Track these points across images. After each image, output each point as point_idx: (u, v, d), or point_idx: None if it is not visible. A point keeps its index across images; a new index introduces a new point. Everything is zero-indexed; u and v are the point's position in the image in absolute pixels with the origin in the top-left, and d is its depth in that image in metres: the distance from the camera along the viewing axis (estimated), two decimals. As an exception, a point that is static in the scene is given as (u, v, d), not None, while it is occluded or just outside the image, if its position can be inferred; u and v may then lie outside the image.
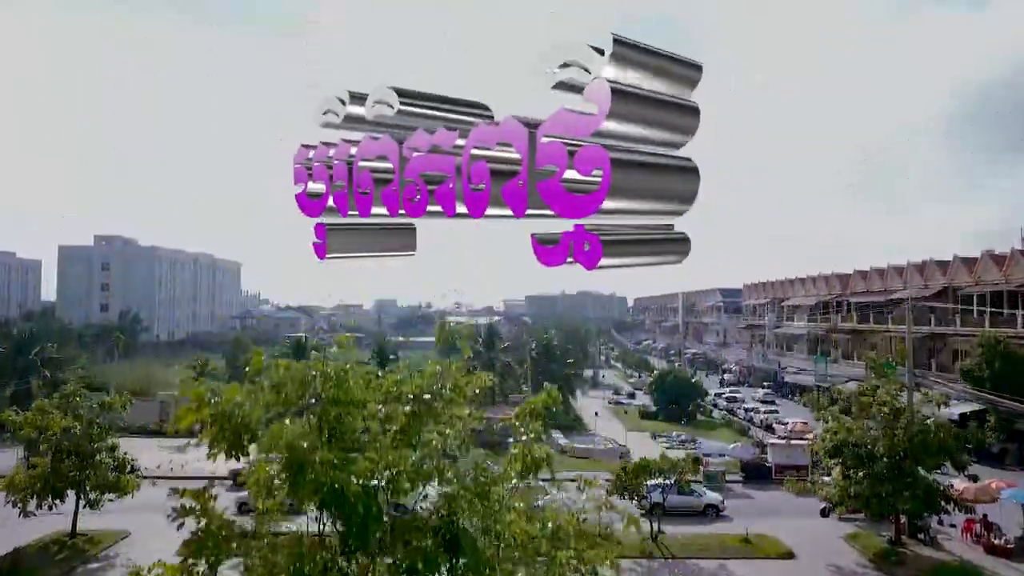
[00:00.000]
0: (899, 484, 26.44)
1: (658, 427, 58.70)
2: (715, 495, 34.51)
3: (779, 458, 40.70)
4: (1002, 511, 30.74)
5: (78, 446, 26.93)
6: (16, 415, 28.06)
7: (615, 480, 28.65)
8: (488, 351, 54.52)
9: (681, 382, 61.15)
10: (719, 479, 39.59)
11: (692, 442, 51.51)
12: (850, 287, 76.36)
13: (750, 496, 37.96)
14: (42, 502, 26.55)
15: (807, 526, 31.86)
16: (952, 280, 59.09)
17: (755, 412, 62.20)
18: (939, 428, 27.75)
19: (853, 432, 27.82)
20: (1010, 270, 52.28)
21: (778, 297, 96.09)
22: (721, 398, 72.78)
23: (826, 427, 29.79)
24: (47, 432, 27.27)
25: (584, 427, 57.99)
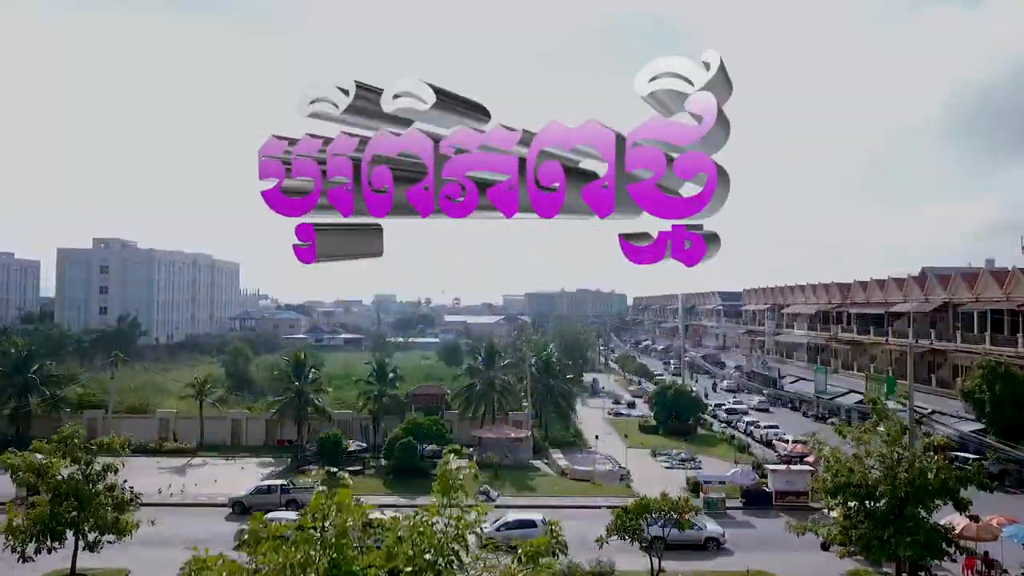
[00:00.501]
0: (900, 527, 26.35)
1: (659, 442, 58.62)
2: (716, 528, 34.45)
3: (779, 484, 40.67)
4: (1003, 548, 30.73)
5: (77, 489, 26.79)
6: (14, 456, 27.88)
7: (615, 520, 28.56)
8: (488, 369, 54.32)
9: (681, 396, 61.07)
10: (719, 505, 39.61)
11: (692, 460, 51.54)
12: (850, 297, 76.26)
13: (751, 525, 37.91)
14: (41, 546, 26.44)
15: (808, 562, 31.79)
16: (952, 296, 58.99)
17: (755, 426, 62.17)
18: (941, 469, 27.62)
19: (855, 472, 27.70)
20: (1011, 288, 52.17)
21: (778, 303, 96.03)
22: (721, 409, 72.79)
23: (827, 465, 29.61)
24: (46, 476, 27.13)
25: (584, 442, 57.93)
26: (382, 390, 52.94)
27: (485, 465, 46.51)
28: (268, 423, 54.22)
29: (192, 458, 51.01)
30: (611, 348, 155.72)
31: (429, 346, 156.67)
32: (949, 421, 53.36)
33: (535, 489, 43.61)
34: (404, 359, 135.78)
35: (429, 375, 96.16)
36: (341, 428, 53.88)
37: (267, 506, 38.35)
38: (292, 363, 54.26)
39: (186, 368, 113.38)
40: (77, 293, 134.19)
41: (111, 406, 55.87)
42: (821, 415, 72.60)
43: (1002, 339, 52.13)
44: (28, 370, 53.51)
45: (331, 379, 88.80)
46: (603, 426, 66.37)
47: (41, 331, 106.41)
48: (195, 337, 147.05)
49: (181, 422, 55.04)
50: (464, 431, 53.86)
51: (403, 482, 44.02)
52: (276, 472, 46.88)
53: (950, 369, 59.06)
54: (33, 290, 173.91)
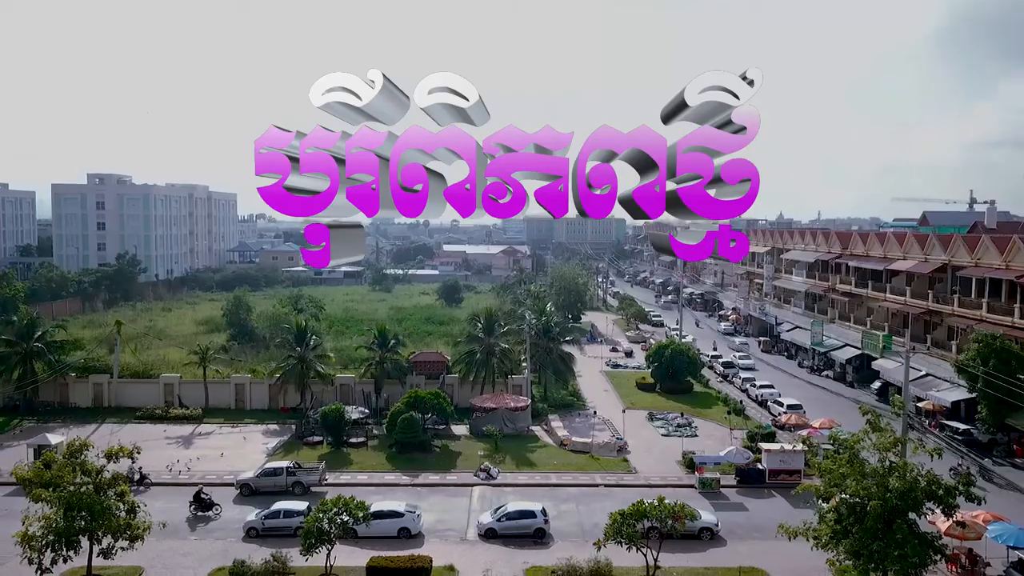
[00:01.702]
0: (890, 539, 27.13)
1: (656, 402, 59.62)
2: (710, 517, 35.43)
3: (773, 463, 41.61)
4: (987, 543, 31.69)
5: (89, 503, 27.43)
6: (26, 470, 28.43)
7: (612, 524, 29.34)
8: (488, 336, 54.74)
9: (678, 356, 61.73)
10: (714, 486, 40.64)
11: (688, 426, 52.54)
12: (850, 248, 76.11)
13: (744, 508, 38.96)
14: (57, 555, 27.26)
15: (799, 551, 32.68)
16: (952, 258, 58.90)
17: (751, 384, 63.05)
18: (931, 481, 28.23)
19: (849, 487, 28.31)
20: (1011, 257, 52.07)
21: (777, 247, 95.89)
22: (717, 362, 73.69)
23: (820, 470, 30.19)
24: (58, 488, 27.73)
25: (582, 403, 58.89)
26: (383, 356, 53.43)
27: (485, 436, 47.61)
28: (271, 388, 54.94)
29: (198, 425, 51.91)
30: (611, 281, 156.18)
31: (428, 279, 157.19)
32: (942, 387, 54.25)
33: (535, 464, 44.56)
34: (404, 293, 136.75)
35: (430, 318, 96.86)
36: (343, 394, 54.83)
37: (273, 488, 39.54)
38: (294, 331, 54.58)
39: (187, 306, 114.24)
40: (74, 230, 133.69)
41: (116, 371, 56.49)
42: (816, 367, 73.60)
43: (999, 307, 52.35)
44: (32, 337, 53.86)
45: (331, 324, 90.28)
46: (601, 381, 67.38)
47: (41, 273, 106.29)
48: (194, 272, 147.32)
49: (185, 386, 55.75)
50: (465, 395, 54.76)
51: (406, 457, 44.98)
52: (281, 444, 47.80)
53: (946, 330, 59.50)
54: (30, 221, 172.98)
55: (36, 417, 52.94)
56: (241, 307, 79.78)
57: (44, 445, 42.10)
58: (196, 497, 37.23)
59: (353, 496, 31.03)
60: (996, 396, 46.17)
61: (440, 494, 40.43)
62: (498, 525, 34.57)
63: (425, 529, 35.22)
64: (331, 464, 43.70)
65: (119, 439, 46.70)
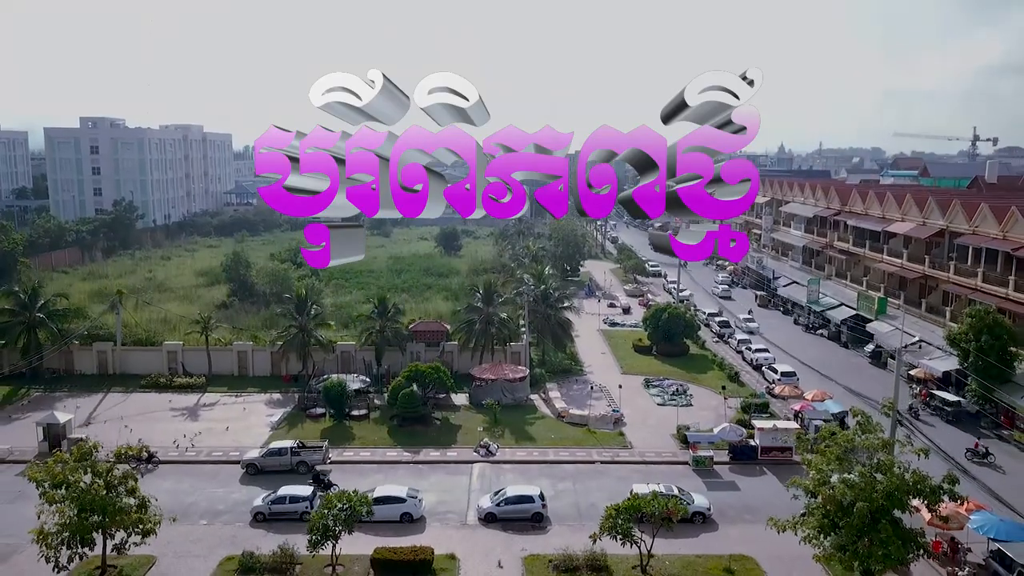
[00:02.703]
0: (874, 538, 28.15)
1: (652, 366, 60.55)
2: (703, 501, 36.54)
3: (765, 441, 42.64)
4: (969, 532, 32.81)
5: (102, 503, 28.29)
6: (39, 470, 29.21)
7: (607, 519, 30.32)
8: (487, 306, 55.22)
9: (674, 319, 62.37)
10: (707, 463, 41.75)
11: (683, 395, 53.51)
12: (848, 204, 76.01)
13: (736, 487, 40.09)
14: (73, 553, 28.29)
15: (788, 539, 33.90)
16: (950, 223, 58.99)
17: (747, 347, 63.85)
18: (917, 480, 29.07)
19: (837, 488, 29.15)
20: (1008, 227, 52.19)
21: (777, 198, 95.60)
22: (714, 320, 74.36)
23: (809, 464, 31.00)
24: (70, 488, 28.54)
25: (580, 366, 59.84)
26: (384, 325, 54.02)
27: (485, 408, 48.58)
28: (273, 355, 55.68)
29: (202, 395, 52.82)
30: (612, 224, 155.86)
31: (427, 222, 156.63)
32: (934, 355, 55.05)
33: (533, 439, 45.61)
34: (402, 238, 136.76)
35: (429, 269, 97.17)
36: (344, 362, 55.65)
37: (278, 467, 40.61)
38: (294, 300, 55.03)
39: (185, 254, 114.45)
40: (69, 175, 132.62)
41: (119, 338, 57.11)
42: (812, 325, 74.39)
43: (995, 277, 52.71)
44: (35, 307, 54.29)
45: (331, 276, 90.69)
46: (598, 342, 68.21)
47: (39, 224, 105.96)
48: (192, 216, 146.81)
49: (189, 354, 56.46)
50: (464, 362, 55.64)
51: (407, 431, 46.02)
52: (285, 417, 48.75)
53: (940, 295, 60.03)
54: (24, 163, 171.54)
55: (43, 386, 53.81)
56: (240, 263, 79.91)
57: (52, 424, 43.05)
58: (315, 478, 38.57)
59: (356, 490, 32.01)
60: (987, 370, 47.08)
61: (441, 471, 41.54)
62: (497, 510, 35.71)
63: (426, 511, 36.38)
64: (334, 439, 44.74)
65: (124, 418, 47.96)
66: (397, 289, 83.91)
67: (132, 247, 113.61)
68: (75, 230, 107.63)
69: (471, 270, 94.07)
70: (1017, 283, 50.42)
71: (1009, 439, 45.94)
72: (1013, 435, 46.13)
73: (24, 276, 77.46)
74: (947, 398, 49.88)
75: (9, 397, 52.09)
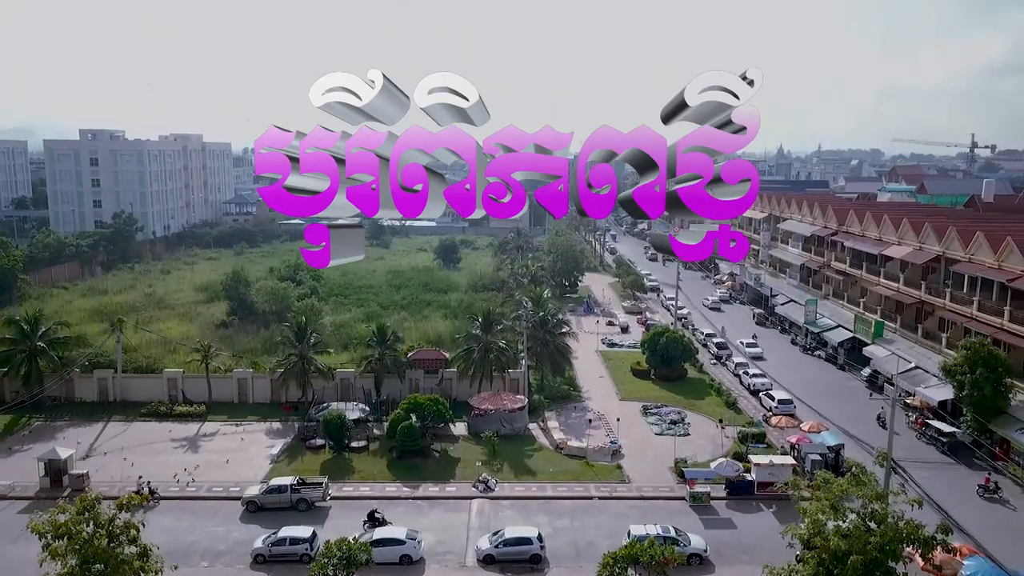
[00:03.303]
0: (868, 589, 28.47)
1: (650, 391, 60.87)
2: (699, 542, 36.86)
3: (762, 476, 42.96)
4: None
5: (104, 556, 28.58)
6: (41, 524, 29.44)
7: (604, 565, 30.66)
8: (485, 334, 55.53)
9: (672, 344, 62.68)
10: (704, 499, 42.08)
11: (681, 422, 53.84)
12: (846, 224, 76.30)
13: (733, 524, 40.42)
14: (76, 606, 28.57)
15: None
16: (946, 249, 59.28)
17: (744, 372, 64.11)
18: (911, 531, 29.36)
19: (830, 539, 29.47)
20: (1004, 256, 52.48)
21: (775, 214, 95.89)
22: (711, 340, 74.67)
23: (804, 512, 31.30)
24: (71, 540, 28.82)
25: (578, 392, 60.14)
26: (383, 353, 54.31)
27: (483, 440, 48.86)
28: (273, 382, 55.96)
29: (202, 424, 53.10)
30: (612, 235, 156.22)
31: (426, 230, 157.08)
32: (930, 383, 55.32)
33: (532, 472, 45.92)
34: (401, 249, 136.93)
35: (428, 284, 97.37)
36: (343, 389, 55.94)
37: (278, 504, 40.91)
38: (294, 328, 55.32)
39: (184, 267, 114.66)
40: (69, 186, 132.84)
41: (120, 366, 57.37)
42: (809, 346, 74.71)
43: (990, 306, 53.00)
44: (36, 335, 54.55)
45: (330, 292, 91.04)
46: (597, 365, 68.46)
47: (39, 239, 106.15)
48: (191, 227, 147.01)
49: (189, 381, 56.74)
50: (463, 390, 55.97)
51: (406, 464, 46.32)
52: (285, 449, 49.00)
53: (937, 321, 60.32)
54: (23, 172, 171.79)
55: (43, 414, 54.06)
56: (240, 281, 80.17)
57: (54, 459, 43.35)
58: (370, 516, 38.86)
59: (356, 537, 32.34)
60: (982, 402, 47.43)
61: (440, 508, 41.85)
62: (496, 551, 36.03)
63: (426, 552, 36.69)
64: (334, 472, 45.05)
65: (124, 449, 48.22)
66: (396, 306, 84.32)
67: (132, 260, 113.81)
68: (75, 244, 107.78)
69: (470, 285, 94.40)
70: (1012, 314, 50.69)
71: (1004, 471, 46.27)
72: (1008, 467, 46.47)
73: (24, 293, 77.76)
74: (943, 428, 50.19)
75: (10, 427, 52.33)
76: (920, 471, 43.09)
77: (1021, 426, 46.68)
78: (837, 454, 45.84)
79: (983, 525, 38.59)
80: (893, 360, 60.98)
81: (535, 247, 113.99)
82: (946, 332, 58.15)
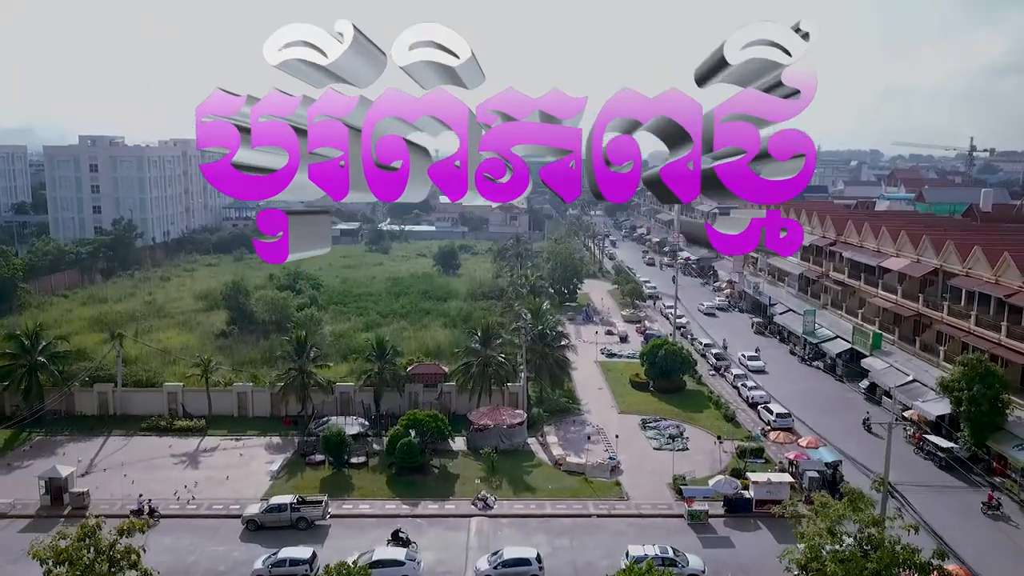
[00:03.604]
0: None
1: (649, 404, 61.04)
2: (697, 562, 37.03)
3: (760, 493, 43.13)
4: (959, 598, 33.35)
5: (106, 582, 28.80)
6: (43, 549, 29.63)
7: (604, 589, 30.92)
8: (485, 348, 55.69)
9: (671, 356, 62.86)
10: (702, 517, 42.25)
11: (680, 437, 53.99)
12: (844, 235, 76.47)
13: (731, 543, 40.58)
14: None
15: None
16: (944, 263, 59.47)
17: (743, 385, 64.23)
18: (907, 556, 29.55)
19: (827, 565, 29.68)
20: (1001, 271, 52.66)
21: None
22: (710, 351, 74.85)
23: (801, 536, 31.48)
24: (72, 566, 29.01)
25: (577, 404, 60.30)
26: (382, 367, 54.47)
27: (482, 455, 49.03)
28: (273, 396, 56.10)
29: (202, 439, 53.24)
30: (611, 240, 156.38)
31: (425, 236, 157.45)
32: (928, 396, 55.49)
33: (531, 489, 46.07)
34: (401, 254, 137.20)
35: (427, 292, 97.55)
36: (343, 403, 56.10)
37: (278, 523, 41.08)
38: (293, 342, 55.49)
39: (184, 274, 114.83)
40: (69, 193, 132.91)
41: (119, 380, 57.50)
42: (808, 357, 74.88)
43: (988, 321, 53.19)
44: (36, 350, 54.70)
45: (330, 300, 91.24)
46: (595, 376, 68.61)
47: (39, 247, 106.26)
48: (191, 233, 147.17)
49: (189, 395, 56.87)
50: (463, 403, 56.11)
51: (406, 481, 46.48)
52: (285, 464, 49.13)
53: (934, 334, 60.50)
54: (23, 176, 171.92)
55: (44, 429, 54.18)
56: (239, 291, 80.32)
57: (54, 477, 43.50)
58: (394, 535, 39.11)
59: (355, 561, 32.49)
60: (979, 419, 47.65)
61: (439, 526, 42.01)
62: (494, 572, 36.20)
63: (424, 573, 36.85)
64: (333, 489, 45.21)
65: (124, 465, 48.38)
66: (395, 315, 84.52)
67: (131, 267, 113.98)
68: (74, 252, 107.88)
69: (469, 293, 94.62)
70: (1010, 329, 50.89)
71: (1001, 487, 46.43)
72: (1005, 483, 46.64)
73: (24, 302, 77.97)
74: (940, 444, 50.35)
75: (11, 442, 52.43)
76: (919, 488, 43.36)
77: (1018, 442, 46.87)
78: (835, 470, 46.07)
79: (986, 545, 38.87)
80: (891, 372, 61.30)
81: (534, 253, 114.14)
82: (944, 345, 58.33)
